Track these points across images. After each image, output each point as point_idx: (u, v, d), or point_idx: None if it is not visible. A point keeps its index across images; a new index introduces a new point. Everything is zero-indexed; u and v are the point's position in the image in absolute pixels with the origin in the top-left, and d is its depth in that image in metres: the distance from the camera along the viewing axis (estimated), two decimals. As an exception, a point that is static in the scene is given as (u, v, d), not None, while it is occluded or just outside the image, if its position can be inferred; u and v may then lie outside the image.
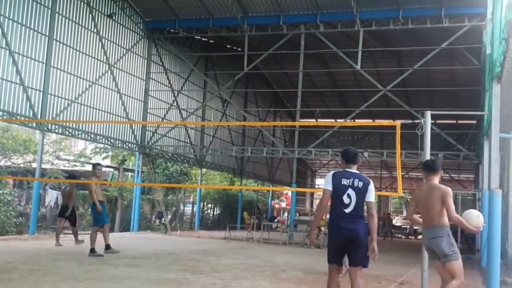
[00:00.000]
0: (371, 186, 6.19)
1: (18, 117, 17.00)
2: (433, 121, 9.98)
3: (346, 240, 6.04)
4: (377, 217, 6.33)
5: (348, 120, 26.26)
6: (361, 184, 6.12)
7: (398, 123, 9.40)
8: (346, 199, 6.05)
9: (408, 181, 44.35)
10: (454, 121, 34.23)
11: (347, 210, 6.04)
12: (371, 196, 6.16)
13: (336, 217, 6.08)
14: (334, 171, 6.28)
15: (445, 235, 6.38)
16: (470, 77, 25.05)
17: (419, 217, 7.10)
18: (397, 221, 38.78)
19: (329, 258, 6.19)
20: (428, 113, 9.51)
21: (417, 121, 9.54)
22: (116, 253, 11.95)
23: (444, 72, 27.31)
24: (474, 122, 29.89)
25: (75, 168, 28.26)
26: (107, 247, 11.90)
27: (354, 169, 6.25)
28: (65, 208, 14.36)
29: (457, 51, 22.68)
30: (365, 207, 6.18)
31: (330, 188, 6.09)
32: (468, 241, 20.94)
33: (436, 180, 6.64)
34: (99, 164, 13.01)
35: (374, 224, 6.10)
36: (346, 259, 6.29)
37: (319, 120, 30.62)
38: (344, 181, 6.09)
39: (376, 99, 22.84)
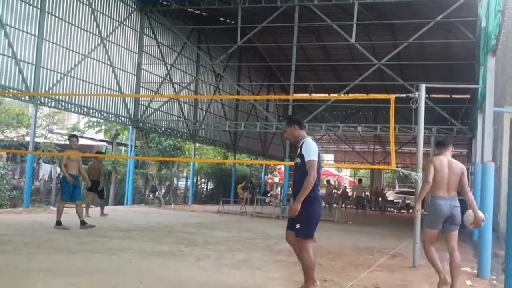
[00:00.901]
0: None
1: (11, 90, 16.87)
2: (427, 95, 9.96)
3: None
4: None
5: (342, 94, 26.21)
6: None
7: (392, 96, 9.40)
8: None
9: (401, 155, 44.49)
10: (448, 95, 34.25)
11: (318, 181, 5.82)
12: None
13: (318, 190, 5.83)
14: (311, 138, 5.94)
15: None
16: (464, 51, 24.99)
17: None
18: (389, 195, 39.13)
19: (312, 233, 6.01)
20: (423, 87, 9.52)
21: (411, 94, 9.54)
22: (88, 228, 11.71)
23: (439, 46, 27.20)
24: (467, 96, 29.95)
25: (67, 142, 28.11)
26: (82, 222, 11.80)
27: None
28: (97, 184, 15.29)
29: (452, 24, 22.56)
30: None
31: (317, 158, 5.77)
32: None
33: (449, 155, 7.02)
34: (73, 135, 12.80)
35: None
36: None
37: (312, 94, 30.53)
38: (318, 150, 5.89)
39: (371, 73, 22.73)
